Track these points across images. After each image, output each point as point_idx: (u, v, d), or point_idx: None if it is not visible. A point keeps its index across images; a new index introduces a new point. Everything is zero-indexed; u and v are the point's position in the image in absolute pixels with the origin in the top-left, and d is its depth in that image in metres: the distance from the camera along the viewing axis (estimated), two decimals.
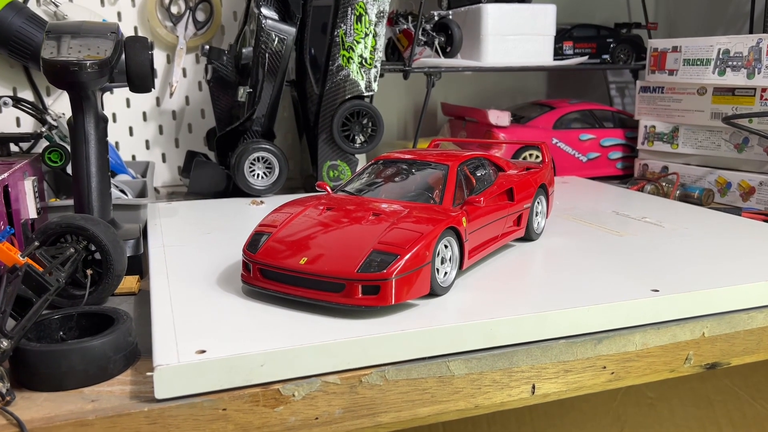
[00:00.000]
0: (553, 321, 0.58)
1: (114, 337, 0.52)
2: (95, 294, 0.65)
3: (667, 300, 0.62)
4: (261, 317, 0.57)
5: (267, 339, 0.52)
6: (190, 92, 1.30)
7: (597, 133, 1.34)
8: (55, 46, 0.72)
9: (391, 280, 0.56)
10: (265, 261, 0.60)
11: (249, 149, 1.06)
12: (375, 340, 0.53)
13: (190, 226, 0.89)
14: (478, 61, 1.22)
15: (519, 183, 0.77)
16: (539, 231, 0.82)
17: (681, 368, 0.65)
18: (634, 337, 0.61)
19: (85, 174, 0.75)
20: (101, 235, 0.64)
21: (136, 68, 0.77)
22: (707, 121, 1.16)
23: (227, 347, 0.50)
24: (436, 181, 0.70)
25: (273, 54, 1.07)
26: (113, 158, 1.12)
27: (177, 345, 0.51)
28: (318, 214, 0.66)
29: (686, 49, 1.17)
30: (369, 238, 0.60)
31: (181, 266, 0.71)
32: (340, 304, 0.57)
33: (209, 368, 0.49)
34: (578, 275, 0.68)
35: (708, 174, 1.16)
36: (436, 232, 0.60)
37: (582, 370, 0.60)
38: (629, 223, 0.90)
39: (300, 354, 0.51)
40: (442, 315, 0.57)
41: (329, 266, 0.57)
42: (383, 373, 0.53)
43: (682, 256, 0.75)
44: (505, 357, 0.56)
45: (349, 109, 1.09)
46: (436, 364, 0.54)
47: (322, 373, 0.51)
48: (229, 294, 0.62)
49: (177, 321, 0.56)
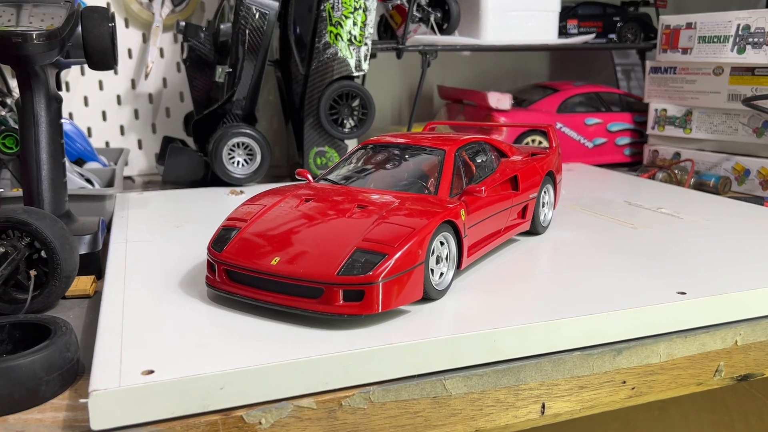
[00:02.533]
0: (566, 330, 0.50)
1: (47, 353, 0.44)
2: (41, 298, 0.57)
3: (695, 304, 0.55)
4: (224, 328, 0.49)
5: (229, 355, 0.44)
6: (167, 74, 1.21)
7: (604, 117, 1.25)
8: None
9: (377, 283, 0.48)
10: (232, 261, 0.52)
11: (228, 134, 0.97)
12: (358, 355, 0.45)
13: (160, 219, 0.81)
14: (477, 38, 1.14)
15: (524, 170, 0.69)
16: (546, 224, 0.74)
17: (710, 381, 0.57)
18: (658, 347, 0.53)
19: (35, 161, 0.66)
20: (46, 230, 0.56)
21: (95, 42, 0.69)
22: (724, 104, 1.08)
23: (181, 366, 0.42)
24: (431, 168, 0.62)
25: (254, 30, 0.98)
26: (82, 144, 1.04)
27: (121, 364, 0.43)
28: (295, 206, 0.57)
29: (702, 26, 1.09)
30: (352, 234, 0.51)
31: (142, 265, 0.63)
32: (317, 312, 0.48)
33: (157, 392, 0.41)
34: (593, 275, 0.60)
35: (724, 161, 1.08)
36: (430, 227, 0.52)
37: (598, 386, 0.52)
38: (643, 215, 0.82)
39: (268, 373, 0.43)
40: (437, 324, 0.50)
41: (305, 268, 0.49)
42: (368, 394, 0.45)
43: (708, 252, 0.67)
44: (511, 373, 0.49)
45: (338, 91, 1.01)
46: (430, 383, 0.47)
47: (295, 396, 0.44)
48: (192, 299, 0.54)
49: (126, 333, 0.48)
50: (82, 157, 1.03)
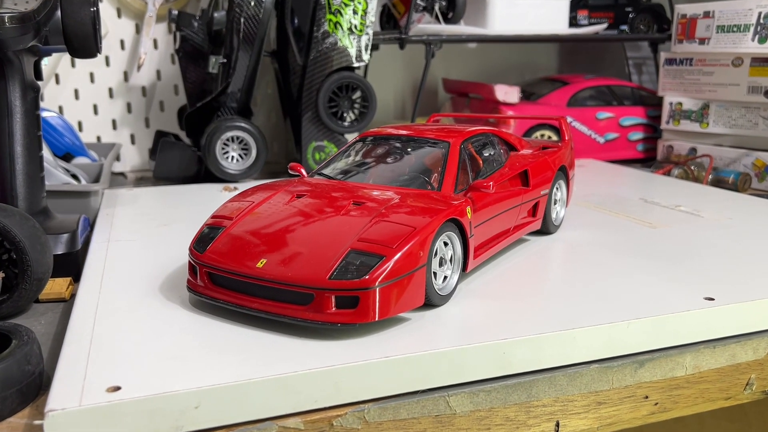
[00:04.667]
0: (583, 340, 0.46)
1: (4, 366, 0.40)
2: (10, 302, 0.53)
3: (725, 311, 0.50)
4: (204, 339, 0.44)
5: (207, 369, 0.39)
6: (161, 66, 1.17)
7: (615, 111, 1.20)
8: None
9: (373, 289, 0.43)
10: (215, 263, 0.47)
11: (222, 127, 0.93)
12: (351, 369, 0.40)
13: (147, 217, 0.76)
14: (483, 28, 1.09)
15: (535, 165, 0.64)
16: (558, 223, 0.69)
17: (740, 395, 0.52)
18: (684, 359, 0.49)
19: (8, 154, 0.62)
20: (15, 228, 0.52)
21: (75, 27, 0.64)
22: (743, 96, 1.03)
23: (152, 382, 0.38)
24: (434, 162, 0.57)
25: (249, 19, 0.93)
26: (71, 139, 0.99)
27: (84, 379, 0.38)
28: (286, 203, 0.52)
29: (720, 14, 1.03)
30: (347, 234, 0.46)
31: (122, 267, 0.58)
32: (307, 321, 0.44)
33: (124, 412, 0.36)
34: (611, 279, 0.55)
35: (743, 156, 1.03)
36: (433, 226, 0.47)
37: (618, 402, 0.48)
38: (661, 213, 0.77)
39: (249, 390, 0.38)
40: (440, 334, 0.45)
41: (294, 271, 0.44)
42: (362, 413, 0.40)
43: (735, 253, 0.62)
44: (522, 388, 0.44)
45: (337, 82, 0.96)
46: (432, 400, 0.42)
47: (280, 416, 0.39)
48: (172, 306, 0.50)
49: (95, 343, 0.43)
50: (70, 152, 0.98)
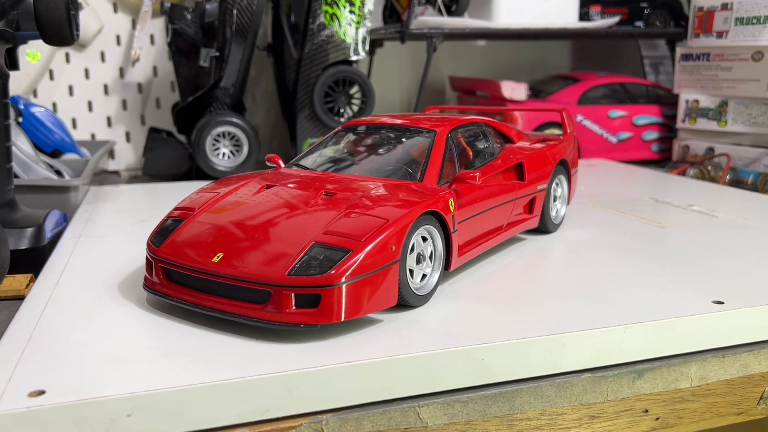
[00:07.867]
0: (574, 346, 0.41)
1: None
2: None
3: (735, 316, 0.45)
4: (151, 340, 0.40)
5: (146, 374, 0.35)
6: (157, 62, 1.14)
7: (629, 109, 1.15)
8: None
9: (338, 286, 0.39)
10: (170, 258, 0.43)
11: (212, 122, 0.89)
12: (306, 375, 0.36)
13: (127, 214, 0.73)
14: (488, 21, 1.04)
15: (531, 157, 0.59)
16: (558, 221, 0.64)
17: (753, 410, 0.47)
18: (689, 369, 0.44)
19: None
20: None
21: (47, 12, 0.61)
22: (763, 93, 0.97)
23: (81, 386, 0.34)
24: (419, 152, 0.53)
25: (242, 10, 0.90)
26: (61, 135, 0.96)
27: (9, 381, 0.34)
28: (253, 194, 0.48)
29: (739, 6, 0.98)
30: (313, 227, 0.42)
31: (86, 263, 0.55)
32: (264, 321, 0.39)
33: (45, 419, 0.32)
34: (610, 281, 0.50)
35: (764, 156, 0.97)
36: (408, 218, 0.42)
37: (614, 416, 0.43)
38: (672, 212, 0.72)
39: (190, 397, 0.34)
40: (413, 338, 0.40)
41: (251, 266, 0.40)
42: (319, 424, 0.36)
43: (750, 255, 0.57)
44: (504, 399, 0.40)
45: (334, 76, 0.92)
46: (400, 411, 0.38)
47: (226, 426, 0.35)
48: (127, 304, 0.46)
49: (32, 343, 0.39)
50: (59, 149, 0.95)
